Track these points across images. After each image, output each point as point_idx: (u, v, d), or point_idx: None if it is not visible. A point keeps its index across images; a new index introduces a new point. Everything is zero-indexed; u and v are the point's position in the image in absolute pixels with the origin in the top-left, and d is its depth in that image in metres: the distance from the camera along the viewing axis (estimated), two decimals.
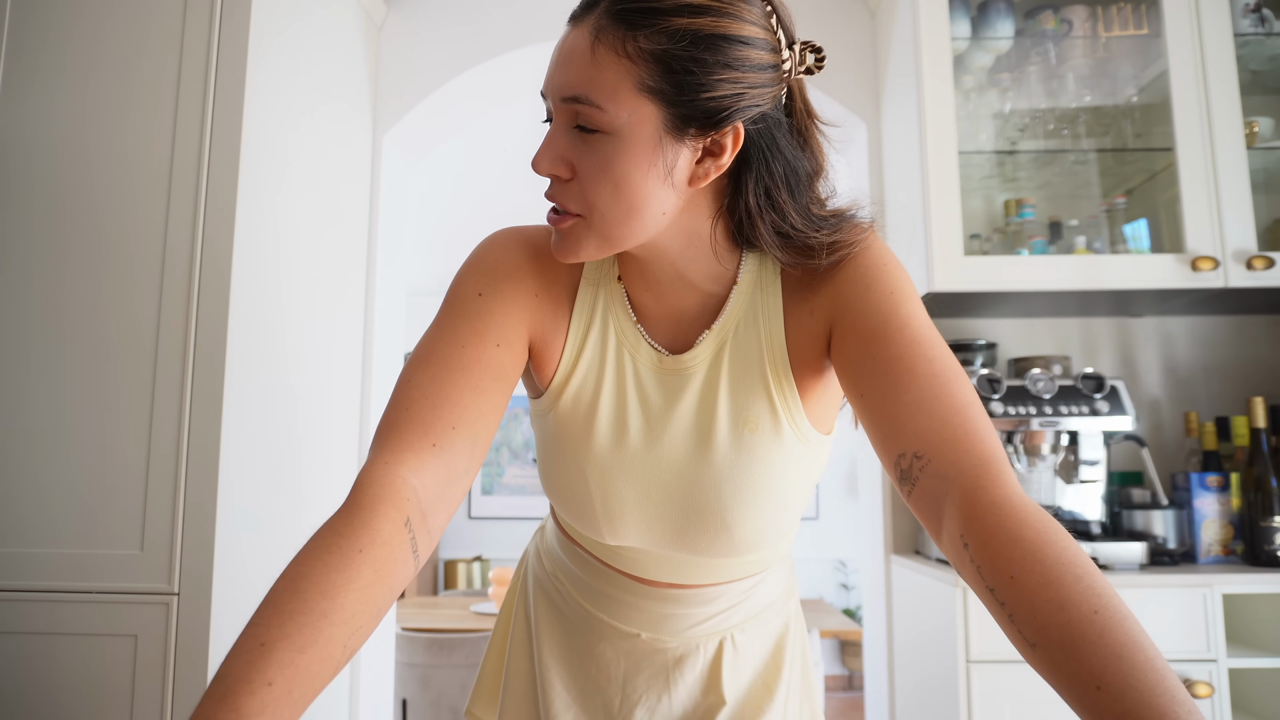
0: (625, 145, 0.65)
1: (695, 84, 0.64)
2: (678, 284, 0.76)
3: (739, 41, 0.64)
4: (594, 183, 0.67)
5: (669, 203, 0.68)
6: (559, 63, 0.67)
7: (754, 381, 0.76)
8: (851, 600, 5.13)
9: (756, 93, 0.66)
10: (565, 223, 0.70)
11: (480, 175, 3.68)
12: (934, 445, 0.61)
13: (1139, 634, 0.48)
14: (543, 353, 0.79)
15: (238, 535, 1.48)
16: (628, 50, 0.64)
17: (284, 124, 1.67)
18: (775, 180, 0.69)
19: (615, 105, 0.64)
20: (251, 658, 0.50)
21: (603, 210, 0.68)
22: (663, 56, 0.63)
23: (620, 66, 0.64)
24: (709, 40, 0.64)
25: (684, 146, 0.66)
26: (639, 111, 0.65)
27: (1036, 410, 1.78)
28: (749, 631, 0.91)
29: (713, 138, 0.67)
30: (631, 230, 0.69)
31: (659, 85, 0.64)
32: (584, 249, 0.70)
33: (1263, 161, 1.94)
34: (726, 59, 0.64)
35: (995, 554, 0.53)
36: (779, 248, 0.72)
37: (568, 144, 0.68)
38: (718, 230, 0.73)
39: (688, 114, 0.65)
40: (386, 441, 0.66)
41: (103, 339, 1.45)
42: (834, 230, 0.71)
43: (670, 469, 0.78)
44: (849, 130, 2.32)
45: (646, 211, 0.68)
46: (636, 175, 0.66)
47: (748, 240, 0.73)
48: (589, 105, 0.65)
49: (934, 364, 0.65)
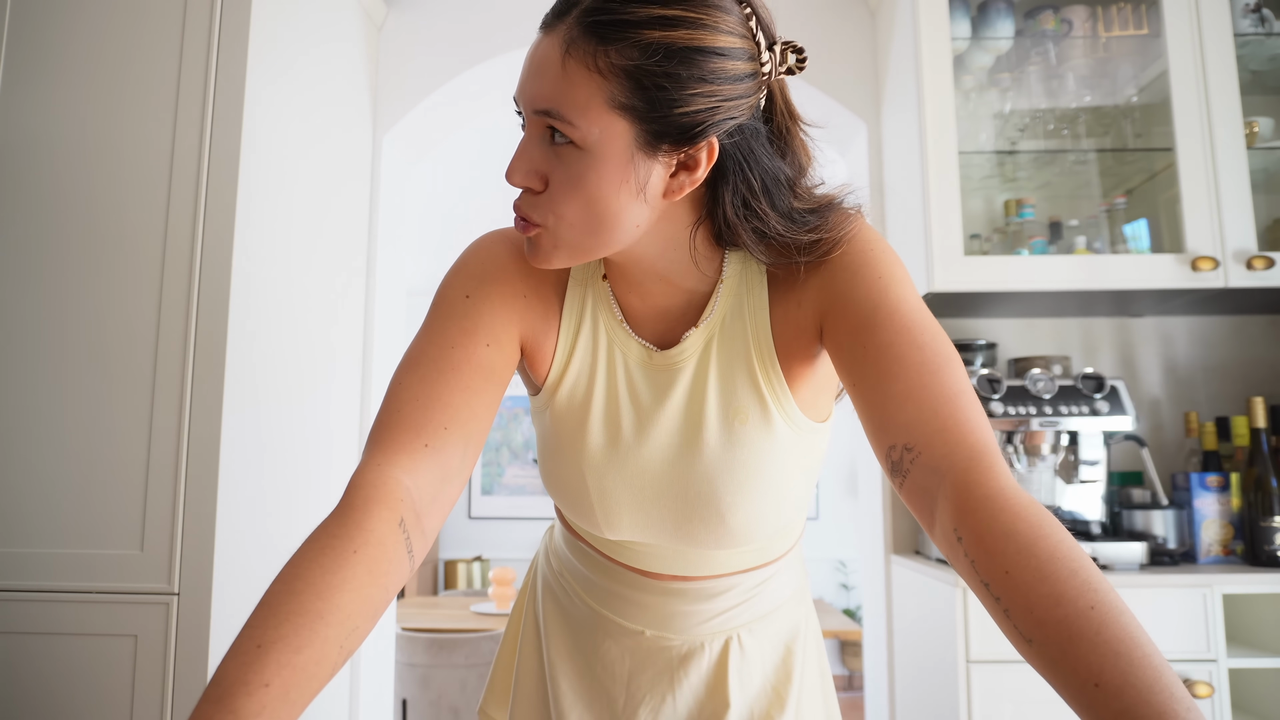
0: (596, 161, 0.64)
1: (668, 100, 0.62)
2: (660, 285, 0.76)
3: (714, 53, 0.63)
4: (565, 197, 0.66)
5: (642, 216, 0.68)
6: (530, 72, 0.66)
7: (741, 372, 0.76)
8: (851, 600, 5.13)
9: (732, 104, 0.65)
10: (531, 231, 0.69)
11: (480, 175, 3.68)
12: (924, 437, 0.60)
13: (1136, 630, 0.48)
14: (536, 352, 0.79)
15: (238, 535, 1.48)
16: (599, 65, 0.62)
17: (284, 124, 1.67)
18: (753, 190, 0.68)
19: (586, 121, 0.63)
20: (248, 659, 0.50)
21: (573, 223, 0.67)
22: (634, 72, 0.62)
23: (591, 82, 0.62)
24: (683, 54, 0.62)
25: (657, 162, 0.65)
26: (610, 128, 0.63)
27: (1036, 410, 1.78)
28: (757, 633, 0.89)
29: (687, 152, 0.65)
30: (603, 242, 0.69)
31: (631, 102, 0.62)
32: (554, 258, 0.70)
33: (1263, 161, 1.94)
34: (701, 72, 0.62)
35: (990, 548, 0.53)
36: (761, 250, 0.71)
37: (541, 156, 0.67)
38: (698, 236, 0.72)
39: (660, 130, 0.63)
40: (379, 443, 0.66)
41: (102, 339, 1.45)
42: (817, 226, 0.71)
43: (663, 462, 0.78)
44: (849, 130, 2.32)
45: (618, 226, 0.67)
46: (608, 190, 0.65)
47: (731, 241, 0.72)
48: (560, 120, 0.64)
49: (924, 351, 0.64)
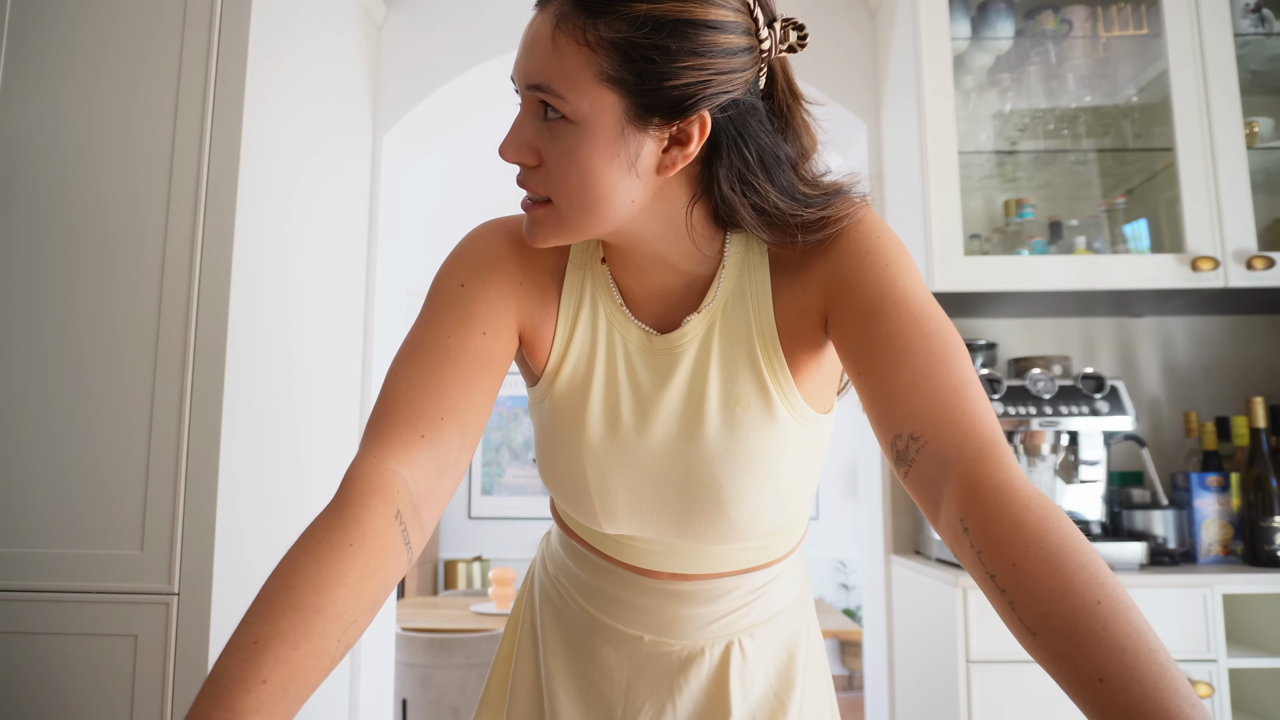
0: (588, 135, 0.64)
1: (657, 73, 0.62)
2: (660, 267, 0.75)
3: (706, 26, 0.62)
4: (559, 171, 0.66)
5: (636, 191, 0.67)
6: (524, 49, 0.66)
7: (743, 360, 0.75)
8: (851, 600, 5.13)
9: (725, 79, 0.64)
10: (538, 210, 0.69)
11: (480, 175, 3.68)
12: (931, 426, 0.60)
13: (1142, 625, 0.48)
14: (534, 340, 0.78)
15: (238, 535, 1.48)
16: (588, 39, 0.62)
17: (284, 124, 1.67)
18: (749, 166, 0.67)
19: (576, 95, 0.63)
20: (245, 655, 0.50)
21: (569, 198, 0.67)
22: (623, 45, 0.62)
23: (580, 55, 0.63)
24: (673, 26, 0.61)
25: (648, 136, 0.65)
26: (600, 101, 0.63)
27: (1036, 410, 1.78)
28: (759, 639, 0.87)
29: (679, 126, 0.65)
30: (598, 219, 0.68)
31: (619, 75, 0.62)
32: (552, 235, 0.70)
33: (1263, 161, 1.94)
34: (692, 45, 0.62)
35: (997, 540, 0.53)
36: (761, 228, 0.70)
37: (534, 131, 0.67)
38: (694, 215, 0.71)
39: (650, 103, 0.63)
40: (375, 435, 0.65)
41: (103, 339, 1.45)
42: (822, 207, 0.70)
43: (664, 448, 0.77)
44: (849, 130, 2.32)
45: (612, 201, 0.67)
46: (600, 165, 0.65)
47: (731, 221, 0.72)
48: (551, 94, 0.64)
49: (931, 339, 0.63)
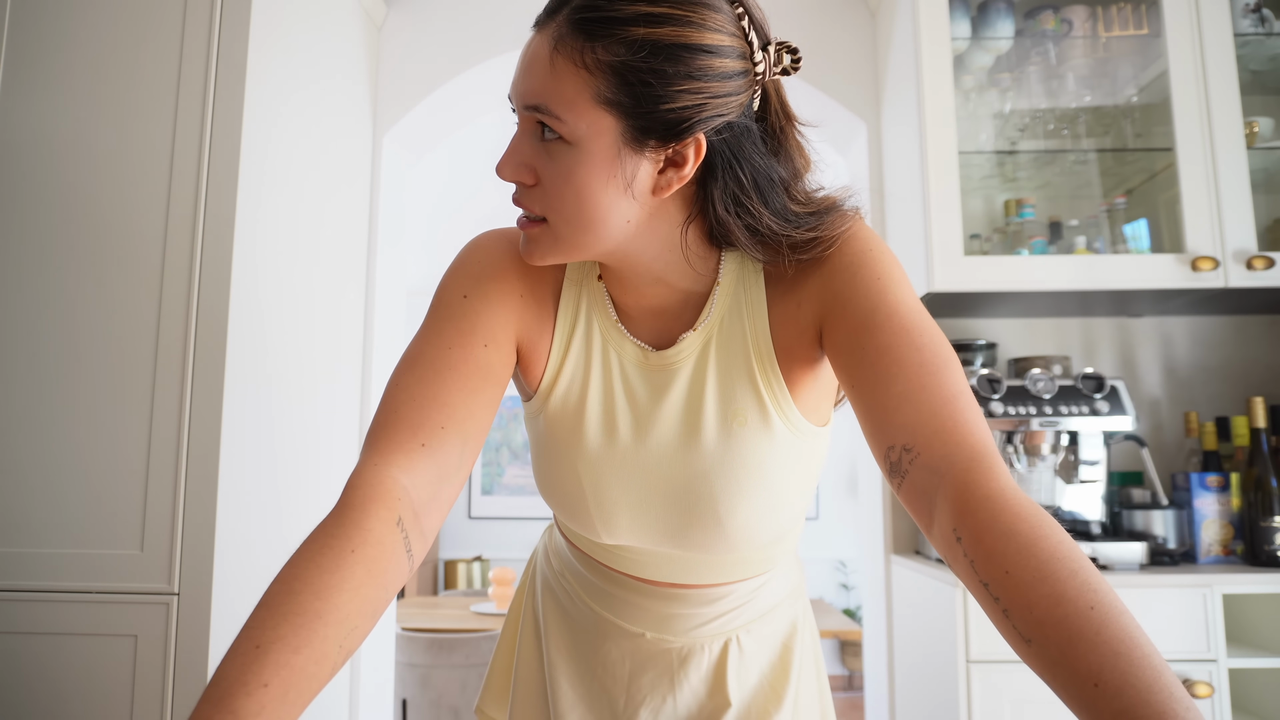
0: (584, 156, 0.65)
1: (653, 96, 0.63)
2: (656, 285, 0.76)
3: (703, 51, 0.63)
4: (556, 191, 0.67)
5: (631, 212, 0.68)
6: (522, 69, 0.67)
7: (740, 375, 0.76)
8: (851, 600, 5.13)
9: (720, 102, 0.65)
10: (534, 228, 0.70)
11: (481, 175, 3.68)
12: (923, 438, 0.60)
13: (1135, 630, 0.48)
14: (530, 354, 0.79)
15: (238, 535, 1.48)
16: (585, 61, 0.63)
17: (284, 124, 1.67)
18: (744, 187, 0.68)
19: (573, 116, 0.64)
20: (247, 660, 0.51)
21: (565, 218, 0.68)
22: (620, 68, 0.63)
23: (578, 78, 0.64)
24: (669, 50, 0.62)
25: (644, 158, 0.66)
26: (597, 123, 0.64)
27: (1036, 410, 1.78)
28: (755, 633, 0.90)
29: (674, 149, 0.66)
30: (594, 239, 0.69)
31: (616, 97, 0.63)
32: (549, 254, 0.71)
33: (1263, 161, 1.94)
34: (688, 69, 0.63)
35: (989, 549, 0.53)
36: (755, 247, 0.71)
37: (531, 151, 0.68)
38: (689, 235, 0.72)
39: (646, 126, 0.64)
40: (376, 443, 0.66)
41: (103, 339, 1.45)
42: (814, 226, 0.70)
43: (661, 464, 0.78)
44: (849, 130, 2.32)
45: (608, 222, 0.68)
46: (596, 186, 0.66)
47: (725, 240, 0.72)
48: (548, 115, 0.65)
49: (923, 352, 0.64)
